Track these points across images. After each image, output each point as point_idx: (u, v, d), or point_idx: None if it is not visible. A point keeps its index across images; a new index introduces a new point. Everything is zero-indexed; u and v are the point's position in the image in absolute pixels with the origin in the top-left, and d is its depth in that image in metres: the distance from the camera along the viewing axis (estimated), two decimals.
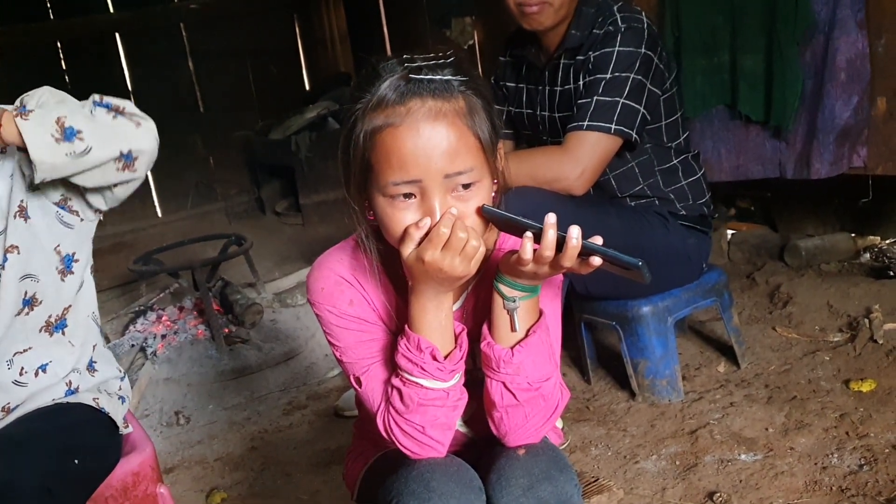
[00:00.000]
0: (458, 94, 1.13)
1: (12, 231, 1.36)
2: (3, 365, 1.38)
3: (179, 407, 2.90)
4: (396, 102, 1.11)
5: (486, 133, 1.15)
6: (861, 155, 2.72)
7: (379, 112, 1.12)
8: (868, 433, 2.09)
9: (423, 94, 1.12)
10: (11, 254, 1.36)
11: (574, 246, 1.08)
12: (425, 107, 1.11)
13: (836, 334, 2.66)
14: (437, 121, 1.11)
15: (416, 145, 1.10)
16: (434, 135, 1.11)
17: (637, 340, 2.39)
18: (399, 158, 1.11)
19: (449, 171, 1.11)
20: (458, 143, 1.12)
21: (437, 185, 1.12)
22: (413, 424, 1.22)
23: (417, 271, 1.14)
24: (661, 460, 2.15)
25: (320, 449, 2.52)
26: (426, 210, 1.12)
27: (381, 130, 1.12)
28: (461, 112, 1.13)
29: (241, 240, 3.60)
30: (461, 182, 1.12)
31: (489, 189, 1.17)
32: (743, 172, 2.99)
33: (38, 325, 1.41)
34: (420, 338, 1.19)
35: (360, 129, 1.14)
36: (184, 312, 3.31)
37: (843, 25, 2.60)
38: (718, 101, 2.95)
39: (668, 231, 2.29)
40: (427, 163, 1.11)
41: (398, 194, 1.13)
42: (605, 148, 2.14)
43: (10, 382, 1.38)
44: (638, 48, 2.13)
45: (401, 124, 1.11)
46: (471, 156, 1.13)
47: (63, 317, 1.43)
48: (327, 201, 5.00)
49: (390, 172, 1.12)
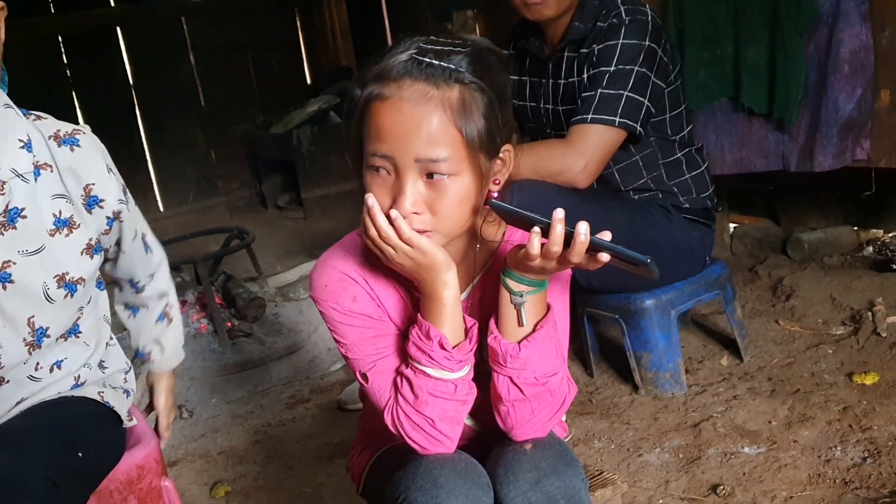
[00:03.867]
0: (454, 84, 1.13)
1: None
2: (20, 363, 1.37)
3: (183, 401, 2.90)
4: (392, 78, 1.13)
5: (473, 131, 1.13)
6: (864, 147, 2.71)
7: (377, 82, 1.15)
8: (871, 426, 2.09)
9: (416, 74, 1.12)
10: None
11: (582, 242, 1.07)
12: (414, 87, 1.12)
13: (840, 327, 2.66)
14: (421, 103, 1.11)
15: (394, 121, 1.12)
16: (414, 116, 1.11)
17: (640, 333, 2.39)
18: (378, 130, 1.13)
19: (420, 156, 1.12)
20: (437, 131, 1.12)
21: (409, 167, 1.13)
22: (423, 416, 1.21)
23: None
24: (664, 453, 2.16)
25: (323, 442, 2.52)
26: (397, 188, 1.14)
27: (372, 100, 1.15)
28: (450, 103, 1.12)
29: (243, 234, 3.59)
30: (434, 170, 1.13)
31: (471, 186, 1.15)
32: (746, 165, 2.98)
33: (53, 339, 1.40)
34: (430, 326, 1.20)
35: (360, 96, 1.16)
36: (186, 306, 3.30)
37: (846, 17, 2.59)
38: (722, 94, 2.94)
39: (671, 224, 2.29)
40: (400, 142, 1.12)
41: (374, 166, 1.15)
42: (609, 141, 2.13)
43: (25, 377, 1.37)
44: (642, 41, 2.12)
45: (388, 98, 1.13)
46: (449, 147, 1.12)
47: (76, 321, 1.41)
48: (329, 195, 5.00)
49: (370, 143, 1.15)
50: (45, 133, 1.34)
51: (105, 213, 1.38)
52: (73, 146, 1.35)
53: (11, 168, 1.29)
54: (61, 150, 1.34)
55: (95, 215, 1.37)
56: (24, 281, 1.30)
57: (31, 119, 1.35)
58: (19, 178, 1.29)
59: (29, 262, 1.30)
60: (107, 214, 1.39)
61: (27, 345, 1.33)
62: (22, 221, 1.30)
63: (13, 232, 1.29)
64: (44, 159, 1.32)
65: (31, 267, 1.31)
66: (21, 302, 1.31)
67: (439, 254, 1.16)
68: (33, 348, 1.34)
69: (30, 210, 1.30)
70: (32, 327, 1.33)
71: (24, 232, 1.30)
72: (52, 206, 1.33)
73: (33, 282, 1.31)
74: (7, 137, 1.29)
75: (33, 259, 1.31)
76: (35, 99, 1.67)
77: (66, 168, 1.34)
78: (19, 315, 1.32)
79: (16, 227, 1.30)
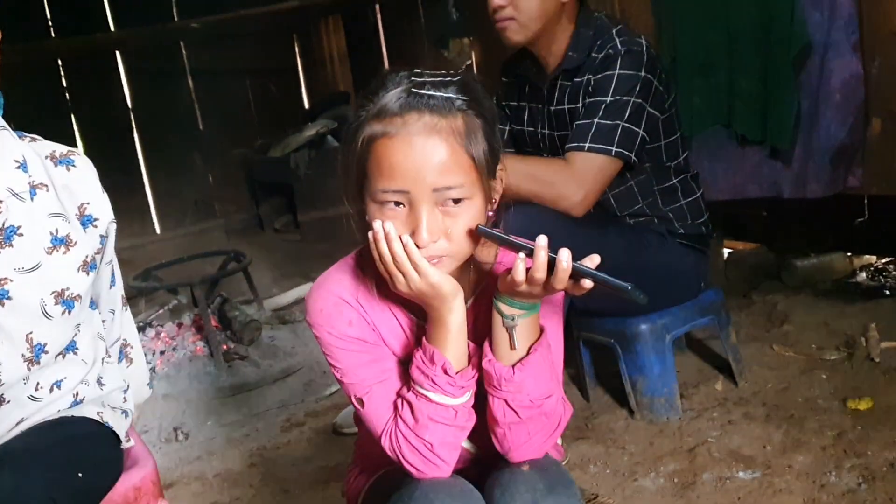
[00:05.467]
0: (457, 112, 1.16)
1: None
2: (20, 381, 1.38)
3: (178, 423, 2.90)
4: (395, 113, 1.14)
5: (480, 154, 1.17)
6: (856, 175, 2.74)
7: (378, 121, 1.15)
8: (866, 451, 2.10)
9: (421, 108, 1.14)
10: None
11: (564, 269, 1.10)
12: (422, 121, 1.14)
13: (833, 353, 2.68)
14: (431, 135, 1.14)
15: (407, 157, 1.13)
16: (426, 149, 1.13)
17: (635, 358, 2.40)
18: (390, 168, 1.14)
19: (438, 185, 1.14)
20: (450, 160, 1.14)
21: (426, 198, 1.14)
22: (422, 440, 1.22)
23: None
24: (659, 478, 2.16)
25: (319, 466, 2.52)
26: (413, 220, 1.15)
27: (377, 138, 1.15)
28: (457, 130, 1.15)
29: (240, 256, 3.61)
30: (450, 197, 1.15)
31: (481, 208, 1.19)
32: (740, 192, 3.01)
33: (52, 356, 1.41)
34: (435, 350, 1.21)
35: (360, 136, 1.17)
36: (182, 329, 3.31)
37: (837, 47, 2.63)
38: (715, 122, 2.97)
39: (666, 250, 2.31)
40: (416, 175, 1.13)
41: (387, 201, 1.16)
42: (607, 171, 2.16)
43: (25, 397, 1.38)
44: (638, 71, 2.16)
45: (396, 135, 1.14)
46: (462, 173, 1.15)
47: (73, 338, 1.43)
48: (326, 218, 5.02)
49: (381, 180, 1.15)
50: (42, 154, 1.38)
51: (99, 231, 1.42)
52: (69, 166, 1.39)
53: (8, 187, 1.32)
54: (57, 170, 1.38)
55: (90, 234, 1.40)
56: (22, 298, 1.32)
57: (27, 141, 1.39)
58: (15, 196, 1.32)
59: (26, 279, 1.32)
60: (100, 233, 1.42)
61: (26, 361, 1.35)
62: (18, 239, 1.32)
63: (10, 250, 1.32)
64: (40, 179, 1.35)
65: (27, 284, 1.33)
66: (19, 319, 1.33)
67: (448, 282, 1.18)
68: (32, 364, 1.36)
69: (26, 228, 1.33)
70: (31, 343, 1.35)
71: (21, 250, 1.32)
72: (49, 225, 1.35)
73: (30, 298, 1.33)
74: (3, 157, 1.32)
75: (30, 276, 1.33)
76: (34, 122, 1.68)
77: (63, 187, 1.38)
78: (17, 331, 1.33)
79: (12, 245, 1.32)
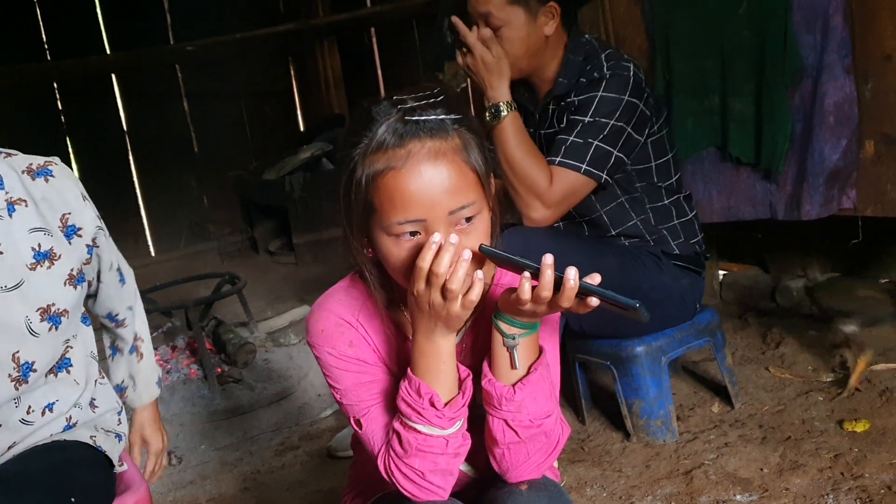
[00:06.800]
0: (452, 131, 1.16)
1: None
2: (11, 404, 1.37)
3: (171, 447, 2.87)
4: (396, 145, 1.14)
5: (481, 166, 1.18)
6: (850, 197, 2.75)
7: (379, 155, 1.14)
8: (863, 474, 2.09)
9: (420, 135, 1.14)
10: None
11: (571, 287, 1.09)
12: (425, 148, 1.14)
13: (829, 375, 2.67)
14: (438, 160, 1.14)
15: (419, 186, 1.13)
16: (436, 175, 1.13)
17: (631, 380, 2.40)
18: (403, 200, 1.13)
19: (452, 208, 1.14)
20: (459, 180, 1.14)
21: (442, 222, 1.14)
22: (413, 469, 1.21)
23: (414, 308, 1.16)
24: (656, 501, 2.14)
25: (313, 490, 2.49)
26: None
27: (383, 174, 1.14)
28: (458, 149, 1.16)
29: (234, 279, 3.60)
30: (464, 216, 1.15)
31: (488, 220, 1.19)
32: (734, 214, 3.01)
33: (41, 374, 1.40)
34: (421, 382, 1.19)
35: (362, 173, 1.15)
36: (176, 351, 3.29)
37: (830, 70, 2.64)
38: (709, 144, 2.98)
39: (661, 271, 2.32)
40: (431, 202, 1.13)
41: (403, 233, 1.15)
42: (575, 186, 2.18)
43: (17, 421, 1.37)
44: (621, 95, 2.17)
45: (402, 167, 1.13)
46: (471, 190, 1.16)
47: (65, 355, 1.42)
48: (320, 240, 5.01)
49: (394, 213, 1.14)
50: (18, 168, 1.36)
51: (84, 241, 1.40)
52: (46, 177, 1.38)
53: None
54: (35, 183, 1.37)
55: (75, 245, 1.39)
56: (5, 317, 1.31)
57: (2, 157, 1.37)
58: None
59: (7, 297, 1.31)
60: (86, 242, 1.41)
61: (13, 380, 1.33)
62: None
63: None
64: (17, 195, 1.34)
65: (10, 303, 1.31)
66: (3, 338, 1.31)
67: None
68: (20, 384, 1.34)
69: (5, 246, 1.32)
70: (17, 363, 1.33)
71: (1, 268, 1.31)
72: (31, 240, 1.34)
73: (14, 316, 1.32)
74: None
75: (12, 294, 1.31)
76: (29, 144, 1.68)
77: (42, 199, 1.36)
78: (2, 351, 1.32)
79: None
